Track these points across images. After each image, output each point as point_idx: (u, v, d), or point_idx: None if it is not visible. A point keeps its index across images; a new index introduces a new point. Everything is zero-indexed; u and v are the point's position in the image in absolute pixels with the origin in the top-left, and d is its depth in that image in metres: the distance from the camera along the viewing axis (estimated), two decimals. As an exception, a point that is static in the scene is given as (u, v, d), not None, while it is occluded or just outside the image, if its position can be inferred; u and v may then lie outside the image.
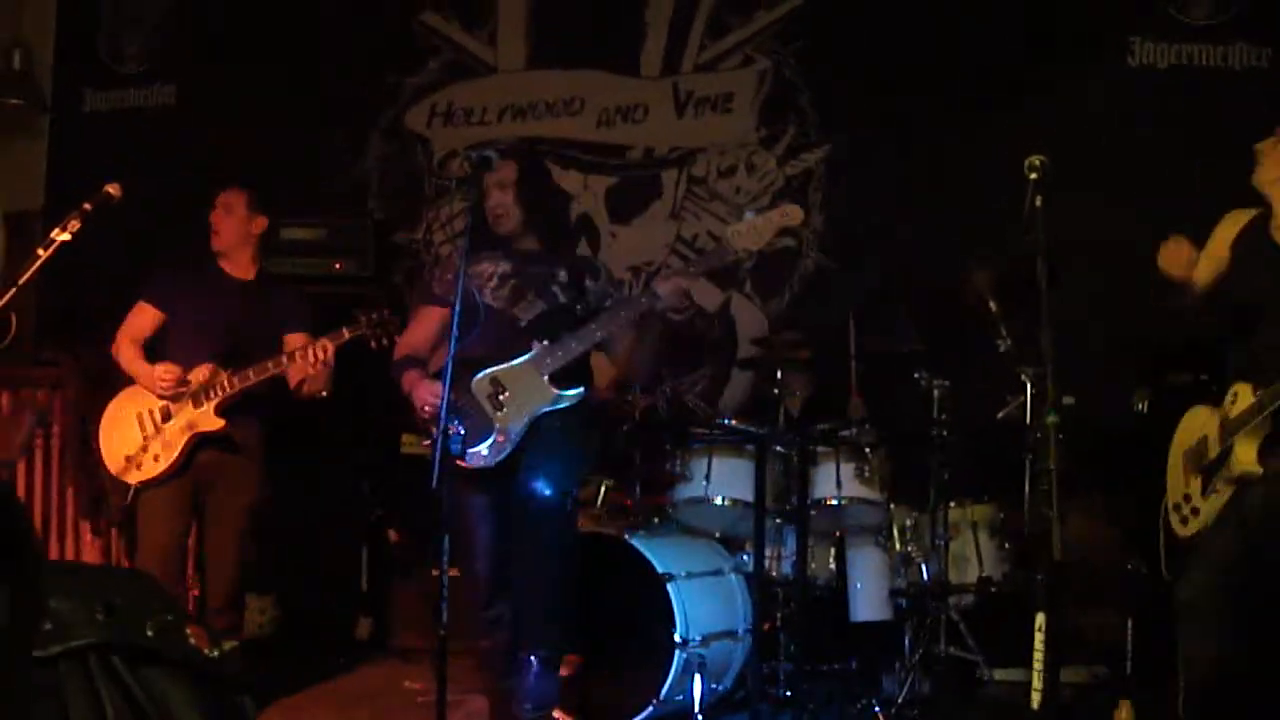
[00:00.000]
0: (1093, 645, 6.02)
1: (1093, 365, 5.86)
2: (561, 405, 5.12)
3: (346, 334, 5.55)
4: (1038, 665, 3.96)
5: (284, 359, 5.61)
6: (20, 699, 1.49)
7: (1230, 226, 4.82)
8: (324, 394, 5.83)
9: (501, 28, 8.17)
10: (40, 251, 4.70)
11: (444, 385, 4.56)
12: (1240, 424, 4.43)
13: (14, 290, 4.59)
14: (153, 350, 5.97)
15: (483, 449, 5.06)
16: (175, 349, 5.89)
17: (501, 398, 5.08)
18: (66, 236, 4.73)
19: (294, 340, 5.83)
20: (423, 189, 8.25)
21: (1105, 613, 5.98)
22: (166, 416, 5.74)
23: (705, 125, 7.73)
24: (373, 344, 5.56)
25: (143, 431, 5.77)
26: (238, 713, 1.87)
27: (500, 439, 5.06)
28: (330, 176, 8.23)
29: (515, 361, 5.13)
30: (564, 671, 5.77)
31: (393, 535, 7.44)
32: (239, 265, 6.07)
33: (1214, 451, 4.58)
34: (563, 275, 5.34)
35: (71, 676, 1.63)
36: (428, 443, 4.91)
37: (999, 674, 6.14)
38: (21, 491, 6.65)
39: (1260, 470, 4.39)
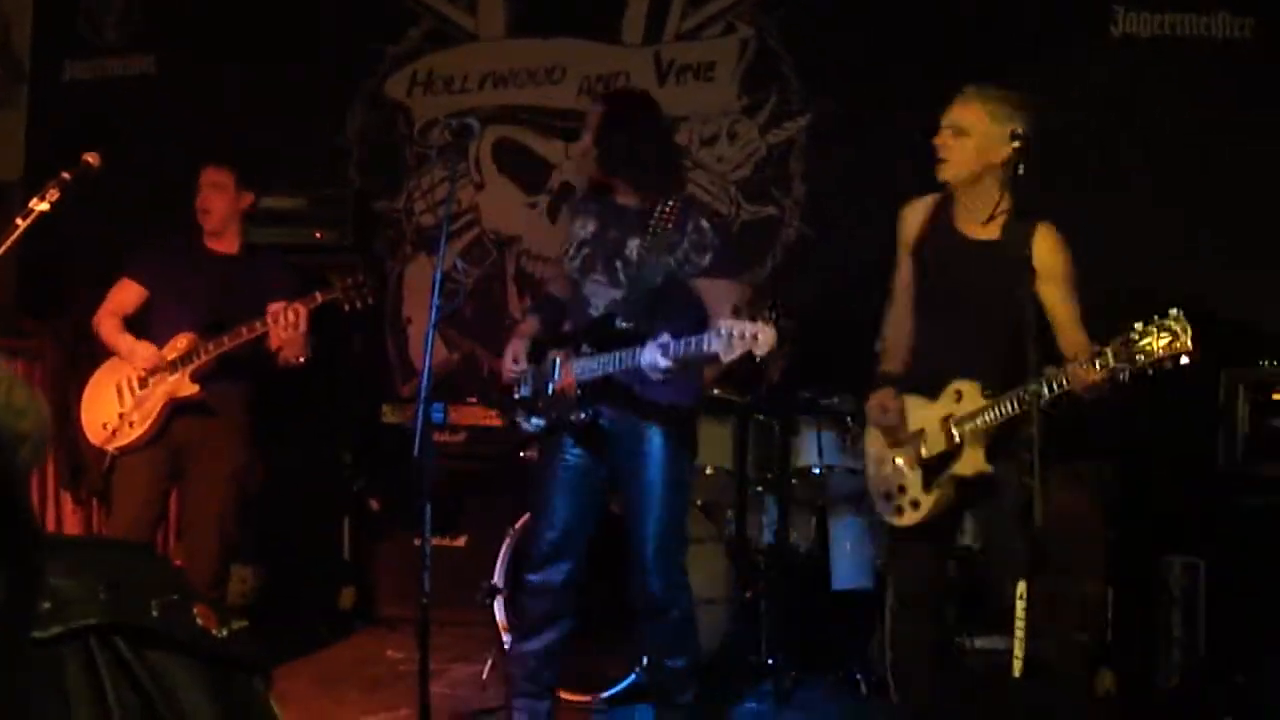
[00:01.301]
0: (1074, 614, 6.04)
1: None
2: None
3: (320, 297, 5.57)
4: (1019, 633, 3.97)
5: (258, 324, 5.59)
6: (18, 682, 1.44)
7: (910, 220, 4.82)
8: (300, 360, 5.77)
9: (482, -5, 8.14)
10: (19, 221, 4.67)
11: (426, 352, 4.54)
12: (969, 423, 4.39)
13: (-7, 260, 4.58)
14: (137, 326, 5.96)
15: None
16: (159, 324, 5.90)
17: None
18: (45, 206, 4.71)
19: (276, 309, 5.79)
20: (403, 158, 8.21)
21: (1085, 582, 6.01)
22: (144, 384, 5.77)
23: (687, 94, 7.69)
24: (346, 307, 5.60)
25: (120, 400, 5.80)
26: (248, 693, 1.82)
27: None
28: (310, 145, 8.19)
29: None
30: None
31: (374, 504, 7.44)
32: (225, 241, 6.06)
33: (936, 447, 4.51)
34: (632, 250, 4.77)
35: (72, 658, 1.58)
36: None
37: (980, 641, 6.16)
38: None
39: (989, 469, 4.38)
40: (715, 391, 6.30)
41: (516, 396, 4.88)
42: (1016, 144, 4.24)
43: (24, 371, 6.58)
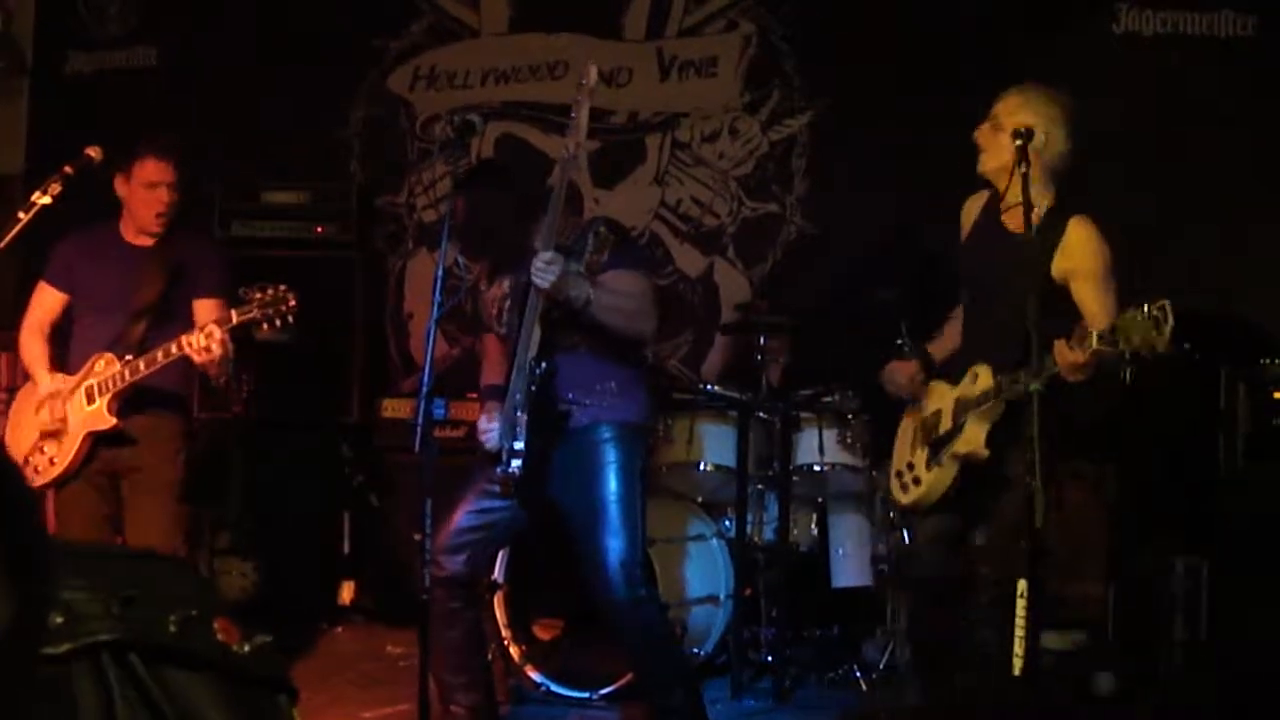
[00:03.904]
0: (1073, 612, 6.04)
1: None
2: None
3: (235, 317, 4.97)
4: (1019, 632, 3.97)
5: (173, 347, 5.01)
6: (25, 702, 1.37)
7: (969, 212, 4.86)
8: (221, 380, 5.42)
9: (484, -9, 8.13)
10: (21, 215, 4.67)
11: (427, 351, 4.53)
12: (975, 404, 4.45)
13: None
14: (64, 334, 5.54)
15: None
16: (80, 333, 5.45)
17: None
18: (47, 200, 4.71)
19: (204, 308, 5.37)
20: (405, 152, 8.20)
21: (1086, 581, 6.01)
22: (62, 414, 5.26)
23: (689, 90, 7.69)
24: (264, 326, 5.00)
25: (39, 430, 5.30)
26: (271, 712, 1.76)
27: None
28: (311, 139, 8.18)
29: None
30: (544, 636, 5.79)
31: (374, 500, 7.44)
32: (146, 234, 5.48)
33: (945, 426, 4.60)
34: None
35: (83, 675, 1.51)
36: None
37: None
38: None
39: (986, 453, 4.42)
40: (716, 388, 6.30)
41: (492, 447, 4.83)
42: (1019, 142, 4.26)
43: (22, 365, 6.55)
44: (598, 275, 4.62)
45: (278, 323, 4.95)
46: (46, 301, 5.54)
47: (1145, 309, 3.82)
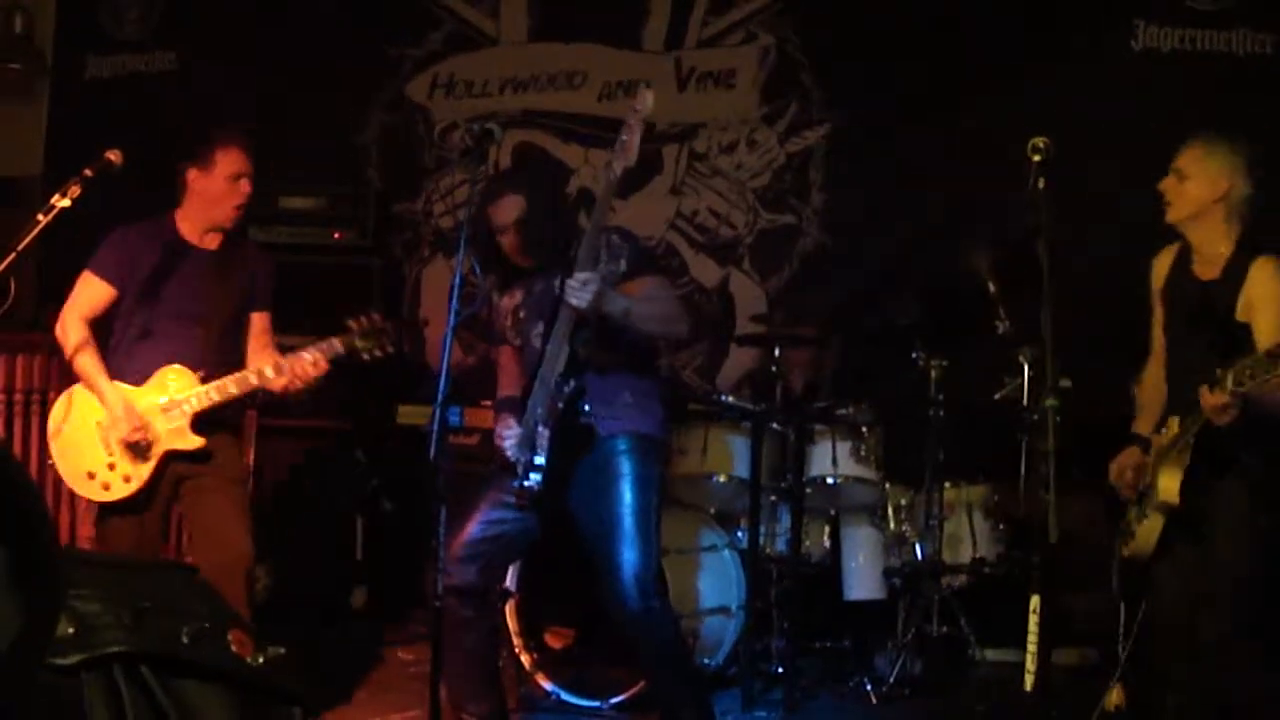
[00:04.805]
0: (1085, 628, 6.03)
1: (1090, 349, 5.84)
2: None
3: (340, 346, 4.94)
4: (1031, 648, 3.97)
5: (268, 370, 4.99)
6: (31, 712, 1.35)
7: (1160, 266, 4.86)
8: (303, 398, 5.33)
9: (504, 0, 8.14)
10: (40, 217, 4.67)
11: (444, 354, 4.53)
12: (1165, 454, 4.46)
13: (13, 256, 4.58)
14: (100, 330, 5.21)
15: None
16: (133, 335, 5.15)
17: None
18: (66, 203, 4.70)
19: (259, 320, 5.30)
20: (423, 160, 8.22)
21: (1097, 596, 5.99)
22: (154, 434, 5.00)
23: (707, 101, 7.71)
24: (365, 357, 4.95)
25: (107, 447, 5.00)
26: None
27: None
28: (329, 145, 8.20)
29: None
30: (556, 644, 5.79)
31: (388, 505, 7.44)
32: (211, 235, 5.27)
33: (1147, 479, 4.61)
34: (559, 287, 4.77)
35: (93, 686, 1.50)
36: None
37: (991, 654, 6.17)
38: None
39: (1178, 501, 4.40)
40: (730, 399, 6.31)
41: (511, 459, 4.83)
42: (1036, 158, 4.25)
43: (41, 367, 6.57)
44: (620, 285, 4.64)
45: (377, 353, 4.93)
46: (95, 296, 5.13)
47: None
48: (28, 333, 6.70)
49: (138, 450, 4.98)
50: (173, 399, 5.01)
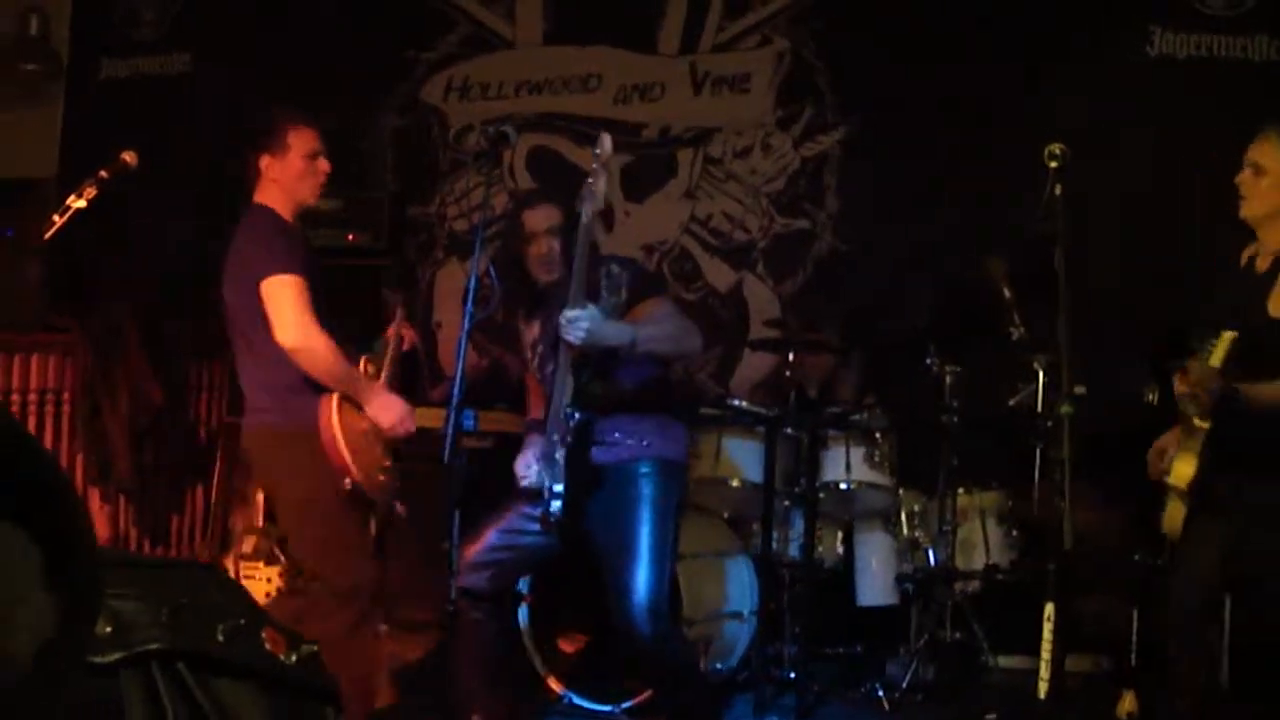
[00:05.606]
0: (1097, 635, 6.02)
1: (1104, 356, 5.84)
2: None
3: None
4: (1045, 655, 3.96)
5: (392, 349, 5.11)
6: (73, 710, 1.35)
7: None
8: None
9: (519, 3, 8.14)
10: (55, 218, 4.68)
11: (458, 357, 4.54)
12: (1186, 439, 4.45)
13: (30, 256, 4.59)
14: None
15: None
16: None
17: None
18: (82, 204, 4.72)
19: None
20: (438, 162, 8.23)
21: (1110, 602, 5.98)
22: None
23: (722, 105, 7.71)
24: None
25: (382, 443, 4.98)
26: None
27: None
28: (344, 147, 8.19)
29: None
30: (568, 648, 5.79)
31: (399, 507, 7.43)
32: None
33: (1167, 464, 4.60)
34: None
35: (132, 684, 1.49)
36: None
37: (1003, 660, 6.16)
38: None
39: (1184, 487, 4.40)
40: (744, 404, 6.30)
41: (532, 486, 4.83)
42: (1054, 164, 4.24)
43: (55, 366, 6.58)
44: (626, 314, 4.64)
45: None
46: (307, 293, 4.78)
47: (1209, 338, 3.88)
48: (39, 333, 6.71)
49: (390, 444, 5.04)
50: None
